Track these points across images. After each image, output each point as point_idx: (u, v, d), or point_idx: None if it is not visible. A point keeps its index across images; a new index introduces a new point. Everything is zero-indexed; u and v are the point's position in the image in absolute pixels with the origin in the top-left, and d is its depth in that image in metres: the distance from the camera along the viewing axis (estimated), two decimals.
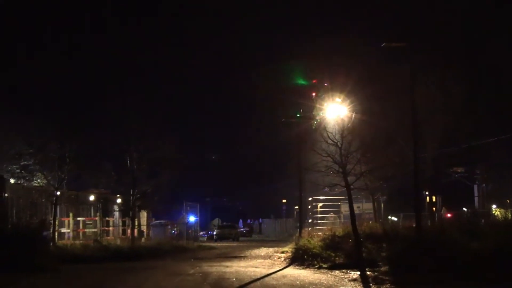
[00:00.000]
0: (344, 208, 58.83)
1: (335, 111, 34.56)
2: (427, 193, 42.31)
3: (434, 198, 43.65)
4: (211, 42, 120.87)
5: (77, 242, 43.79)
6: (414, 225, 31.76)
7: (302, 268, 29.46)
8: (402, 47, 30.99)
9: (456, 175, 47.21)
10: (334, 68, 36.39)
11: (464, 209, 54.78)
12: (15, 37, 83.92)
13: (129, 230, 49.33)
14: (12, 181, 42.20)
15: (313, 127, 39.01)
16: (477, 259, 23.41)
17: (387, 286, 22.84)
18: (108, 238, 50.20)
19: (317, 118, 37.61)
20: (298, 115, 43.69)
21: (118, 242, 48.23)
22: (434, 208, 43.74)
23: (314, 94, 38.70)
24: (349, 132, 32.06)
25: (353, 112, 33.22)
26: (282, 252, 39.51)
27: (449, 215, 50.64)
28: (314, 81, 40.84)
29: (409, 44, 30.57)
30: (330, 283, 23.74)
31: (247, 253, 43.08)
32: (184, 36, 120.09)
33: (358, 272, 26.12)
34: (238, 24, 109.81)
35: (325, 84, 35.80)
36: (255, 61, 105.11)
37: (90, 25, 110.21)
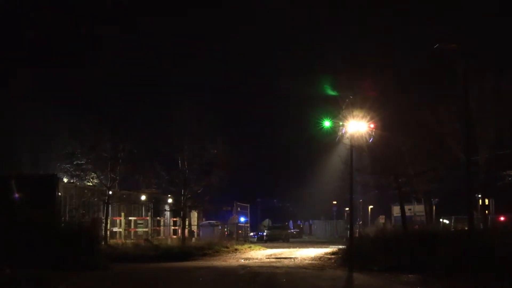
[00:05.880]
0: (395, 210, 58.46)
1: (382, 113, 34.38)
2: (479, 195, 41.73)
3: (487, 201, 43.07)
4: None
5: (128, 241, 44.26)
6: (466, 228, 31.38)
7: (353, 271, 29.27)
8: (455, 49, 30.61)
9: (510, 178, 46.42)
10: (379, 72, 36.14)
11: None
12: (70, 37, 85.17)
13: (179, 230, 49.61)
14: (65, 180, 42.79)
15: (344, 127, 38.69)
16: None
17: None
18: (159, 237, 50.62)
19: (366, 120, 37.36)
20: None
21: (169, 241, 48.64)
22: (487, 211, 43.15)
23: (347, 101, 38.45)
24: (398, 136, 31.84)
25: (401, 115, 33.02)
26: (332, 254, 39.36)
27: (502, 218, 49.92)
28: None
29: (462, 45, 30.19)
30: (381, 285, 23.60)
31: (297, 254, 43.00)
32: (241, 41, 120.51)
33: (409, 275, 25.92)
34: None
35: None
36: (304, 67, 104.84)
37: (144, 25, 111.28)
